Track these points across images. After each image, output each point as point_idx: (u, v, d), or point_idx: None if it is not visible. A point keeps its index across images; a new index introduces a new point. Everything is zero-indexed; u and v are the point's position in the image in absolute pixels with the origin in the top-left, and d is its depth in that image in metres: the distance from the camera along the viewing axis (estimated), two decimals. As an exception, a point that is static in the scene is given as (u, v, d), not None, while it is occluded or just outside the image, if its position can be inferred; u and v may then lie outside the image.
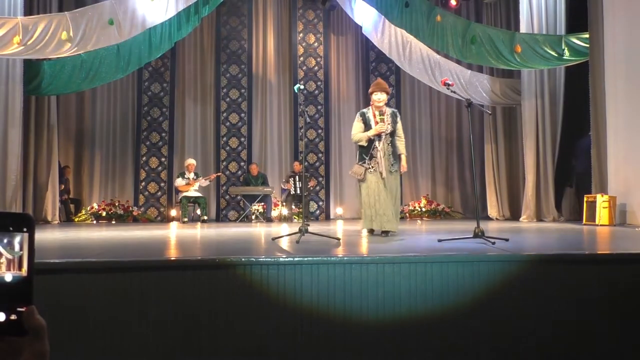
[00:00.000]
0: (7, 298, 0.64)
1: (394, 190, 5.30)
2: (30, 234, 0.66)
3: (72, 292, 2.65)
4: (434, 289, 2.87)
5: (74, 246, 4.37)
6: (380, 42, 9.76)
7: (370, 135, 5.22)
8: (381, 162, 5.17)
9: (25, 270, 0.65)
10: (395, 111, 5.49)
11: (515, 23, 10.00)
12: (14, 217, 0.66)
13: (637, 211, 7.06)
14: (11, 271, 0.64)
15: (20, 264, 0.65)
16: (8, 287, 0.64)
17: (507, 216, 10.24)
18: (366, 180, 5.20)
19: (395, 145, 5.30)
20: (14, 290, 0.65)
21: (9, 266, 0.64)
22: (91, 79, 8.69)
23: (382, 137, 5.22)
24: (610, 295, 2.95)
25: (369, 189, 5.19)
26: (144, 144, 10.66)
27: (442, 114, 11.81)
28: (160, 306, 2.72)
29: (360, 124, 5.35)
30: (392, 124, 5.31)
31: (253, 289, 2.78)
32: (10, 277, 0.64)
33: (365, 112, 5.43)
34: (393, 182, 5.28)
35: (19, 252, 0.65)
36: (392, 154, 5.30)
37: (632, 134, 7.19)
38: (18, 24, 7.37)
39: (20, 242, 0.65)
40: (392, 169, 5.27)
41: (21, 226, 0.66)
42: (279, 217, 10.29)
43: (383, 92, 5.35)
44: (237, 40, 11.08)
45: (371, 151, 5.24)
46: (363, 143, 5.26)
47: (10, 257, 0.64)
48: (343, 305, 2.80)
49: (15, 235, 0.65)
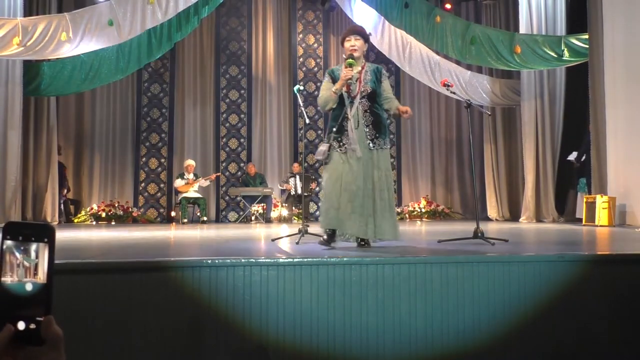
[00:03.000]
0: (27, 307, 0.65)
1: (380, 177, 3.79)
2: (51, 244, 0.67)
3: (71, 293, 2.65)
4: (434, 290, 2.86)
5: (73, 247, 4.37)
6: (380, 42, 9.76)
7: (337, 89, 3.80)
8: (353, 136, 3.75)
9: (43, 278, 0.67)
10: (378, 67, 4.06)
11: (514, 24, 10.01)
12: (36, 227, 0.68)
13: (636, 212, 7.06)
14: (29, 278, 0.65)
15: (36, 271, 0.66)
16: (28, 296, 0.66)
17: (507, 217, 10.25)
18: (331, 161, 3.81)
19: (378, 113, 3.88)
20: (34, 299, 0.66)
21: (26, 274, 0.66)
22: (91, 79, 8.70)
23: (356, 102, 3.84)
24: (613, 297, 2.95)
25: (332, 175, 3.78)
26: (143, 145, 10.66)
27: (442, 115, 11.82)
28: (161, 307, 2.71)
29: (330, 83, 3.95)
30: (372, 83, 3.90)
31: (253, 290, 2.77)
32: (31, 286, 0.66)
33: (335, 70, 4.04)
34: (376, 164, 3.80)
35: (34, 260, 0.66)
36: (374, 125, 3.84)
37: (631, 134, 7.20)
38: (18, 25, 7.37)
39: (37, 250, 0.67)
40: (374, 144, 3.81)
41: (42, 236, 0.67)
42: (279, 218, 10.28)
43: (358, 37, 3.94)
44: (236, 41, 11.08)
45: (341, 121, 3.83)
46: (331, 105, 3.87)
47: (27, 265, 0.66)
48: (342, 307, 2.80)
49: (32, 244, 0.66)
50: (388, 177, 3.84)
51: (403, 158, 11.56)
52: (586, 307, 2.94)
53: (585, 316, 2.93)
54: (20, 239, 0.66)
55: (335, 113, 3.89)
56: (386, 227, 3.73)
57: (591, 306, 2.95)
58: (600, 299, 2.95)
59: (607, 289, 2.97)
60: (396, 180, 11.49)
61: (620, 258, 3.19)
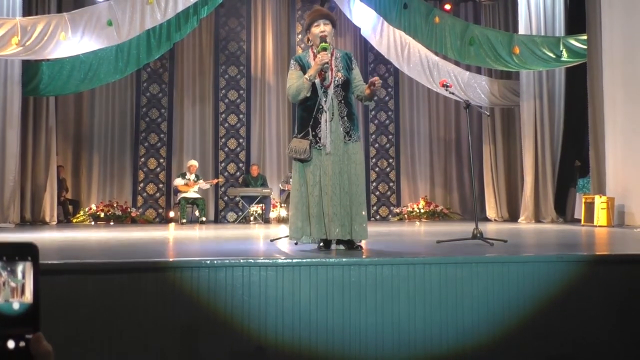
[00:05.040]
0: (16, 326, 0.66)
1: (357, 171, 3.58)
2: (35, 262, 0.68)
3: (69, 293, 2.65)
4: (433, 290, 2.86)
5: (71, 248, 4.36)
6: (378, 43, 9.77)
7: (311, 75, 3.51)
8: (326, 130, 3.52)
9: (29, 297, 0.67)
10: (348, 53, 3.81)
11: (513, 24, 10.02)
12: (18, 246, 0.68)
13: (635, 212, 7.07)
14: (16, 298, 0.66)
15: (23, 291, 0.66)
16: (16, 315, 0.66)
17: (506, 217, 10.25)
18: (313, 161, 3.54)
19: (351, 104, 3.64)
20: (22, 318, 0.66)
21: (12, 294, 0.66)
22: (90, 79, 8.69)
23: (330, 92, 3.57)
24: (612, 298, 2.95)
25: (314, 176, 3.53)
26: (142, 145, 10.66)
27: (441, 115, 11.82)
28: (159, 307, 2.71)
29: (299, 72, 3.64)
30: (344, 70, 3.64)
31: (252, 290, 2.77)
32: (18, 305, 0.66)
33: (302, 57, 3.74)
34: (352, 157, 3.57)
35: (21, 280, 0.66)
36: (348, 116, 3.59)
37: (630, 135, 7.21)
38: (17, 25, 7.36)
39: (23, 270, 0.67)
40: (350, 137, 3.58)
41: (26, 255, 0.67)
42: (278, 218, 10.28)
43: (327, 22, 3.65)
44: (235, 42, 11.08)
45: (316, 114, 3.56)
46: (304, 93, 3.53)
47: (14, 285, 0.66)
48: (341, 307, 2.80)
49: (18, 263, 0.67)
50: (362, 172, 3.66)
51: (402, 158, 11.56)
52: (585, 308, 2.94)
53: (584, 317, 2.93)
54: (4, 259, 0.67)
55: (308, 104, 3.59)
56: (360, 228, 3.51)
57: (590, 307, 2.95)
58: (599, 300, 2.95)
59: (606, 290, 2.97)
60: (395, 180, 11.50)
61: (619, 259, 3.20)
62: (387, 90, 11.61)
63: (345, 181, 3.52)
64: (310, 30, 3.69)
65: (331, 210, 3.45)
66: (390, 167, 11.52)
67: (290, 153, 3.61)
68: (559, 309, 2.92)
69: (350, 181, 3.54)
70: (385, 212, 11.39)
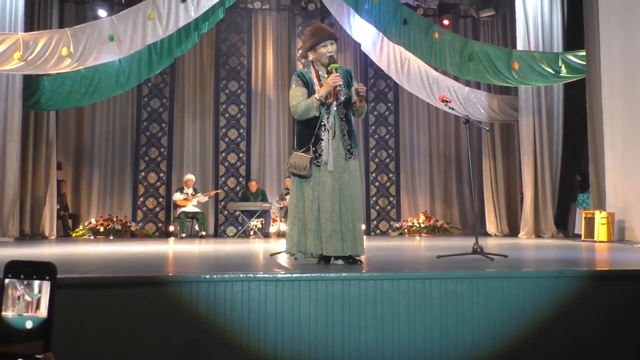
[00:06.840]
0: (27, 342, 0.66)
1: (354, 189, 3.61)
2: (53, 281, 0.68)
3: (69, 308, 2.64)
4: (433, 305, 2.85)
5: (71, 262, 4.35)
6: (378, 58, 9.83)
7: (322, 95, 3.51)
8: (328, 147, 3.54)
9: (44, 312, 0.67)
10: (348, 69, 3.85)
11: (512, 40, 10.08)
12: (38, 265, 0.70)
13: (635, 227, 7.06)
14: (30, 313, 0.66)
15: (38, 306, 0.67)
16: (28, 331, 0.66)
17: (506, 232, 10.23)
18: (313, 177, 3.54)
19: (351, 121, 3.71)
20: (34, 335, 0.66)
21: (27, 308, 0.66)
22: (91, 94, 8.72)
23: (333, 109, 3.59)
24: (612, 313, 2.94)
25: (313, 191, 3.54)
26: (142, 159, 10.68)
27: (441, 130, 11.85)
28: (158, 322, 2.70)
29: (302, 88, 3.66)
30: (345, 88, 3.64)
31: (251, 305, 2.76)
32: (31, 324, 0.66)
33: (304, 72, 3.75)
34: (351, 175, 3.61)
35: (37, 295, 0.67)
36: (349, 135, 3.64)
37: (629, 150, 7.22)
38: (19, 40, 7.41)
39: (40, 285, 0.68)
40: (351, 154, 3.63)
41: (44, 274, 0.68)
42: (278, 232, 10.26)
43: (334, 42, 3.68)
44: (236, 57, 11.15)
45: (317, 130, 3.58)
46: (314, 113, 3.54)
47: (29, 299, 0.66)
48: (341, 322, 2.78)
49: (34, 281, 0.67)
50: (360, 188, 3.76)
51: (402, 173, 11.57)
52: (585, 323, 2.93)
53: (585, 332, 2.92)
54: (22, 277, 0.67)
55: (310, 120, 3.60)
56: (360, 244, 3.56)
57: (591, 322, 2.93)
58: (600, 315, 2.94)
59: (606, 305, 2.96)
60: (395, 195, 11.49)
61: (619, 274, 3.19)
62: (387, 105, 11.65)
63: (347, 197, 3.55)
64: (315, 49, 3.69)
65: (329, 226, 3.47)
66: (390, 182, 11.52)
67: (290, 168, 3.61)
68: (560, 325, 2.91)
69: (352, 197, 3.57)
70: (385, 227, 11.37)
